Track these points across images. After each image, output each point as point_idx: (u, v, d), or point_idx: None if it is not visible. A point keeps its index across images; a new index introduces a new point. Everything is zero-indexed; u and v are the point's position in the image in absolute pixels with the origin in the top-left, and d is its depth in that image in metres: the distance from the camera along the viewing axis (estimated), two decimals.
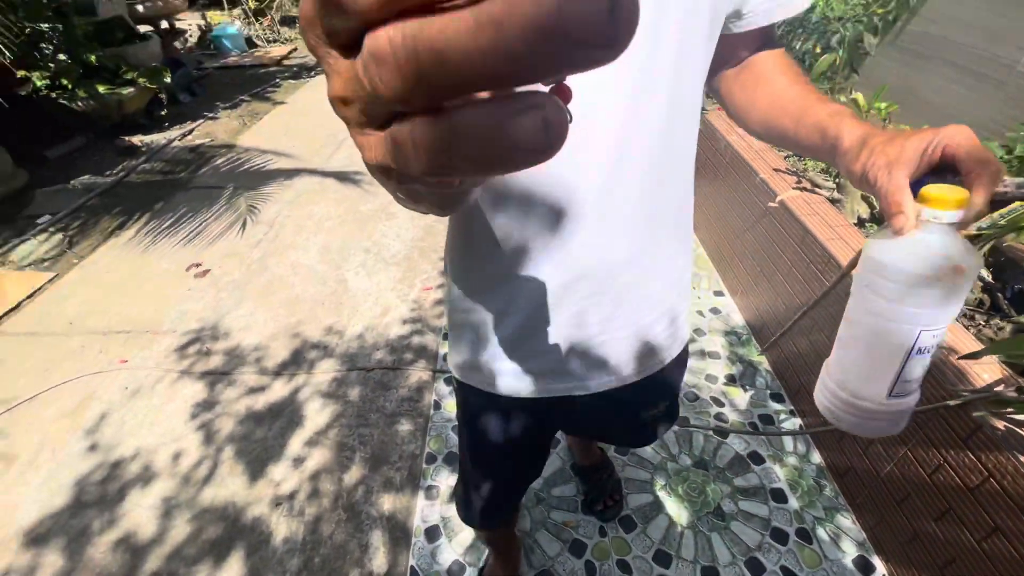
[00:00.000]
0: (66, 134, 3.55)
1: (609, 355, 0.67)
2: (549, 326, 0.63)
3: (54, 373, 1.92)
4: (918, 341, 0.45)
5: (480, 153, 0.13)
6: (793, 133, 0.55)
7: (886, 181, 0.44)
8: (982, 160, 0.41)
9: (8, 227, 2.73)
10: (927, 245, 0.42)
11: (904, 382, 0.48)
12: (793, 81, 0.59)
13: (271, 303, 2.22)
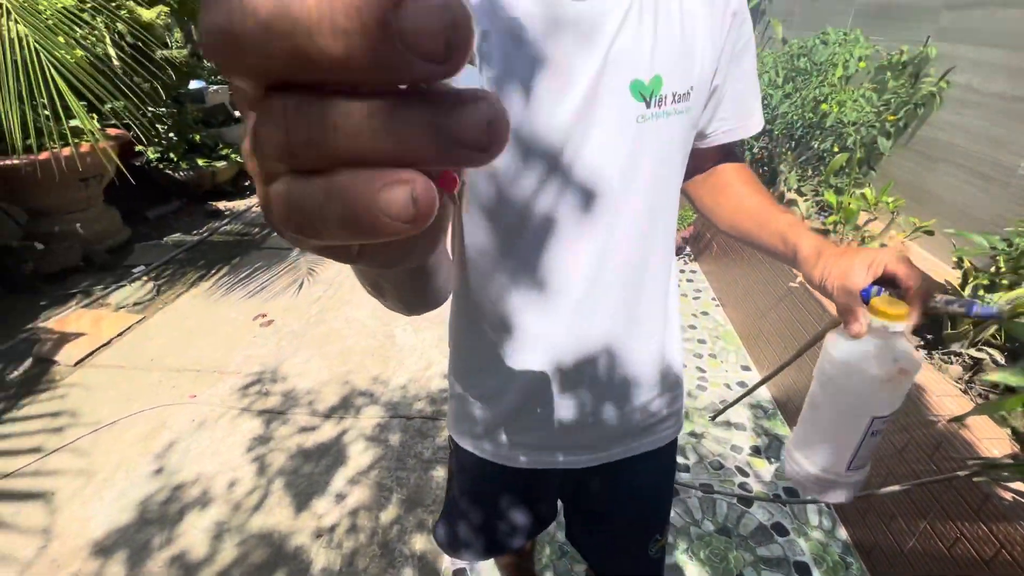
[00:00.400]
0: (165, 198, 4.10)
1: (596, 432, 0.70)
2: (538, 405, 0.67)
3: (134, 402, 2.16)
4: (872, 426, 0.55)
5: (348, 215, 0.13)
6: (756, 237, 0.66)
7: (841, 292, 0.53)
8: (917, 280, 0.51)
9: (110, 274, 3.14)
10: (879, 350, 0.51)
11: (860, 458, 0.57)
12: (754, 191, 0.69)
13: (325, 352, 2.44)
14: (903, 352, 0.51)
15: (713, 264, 2.84)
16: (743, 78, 0.62)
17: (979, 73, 1.78)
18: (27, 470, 1.85)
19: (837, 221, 2.00)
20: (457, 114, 0.13)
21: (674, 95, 0.55)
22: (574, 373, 0.65)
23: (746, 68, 0.62)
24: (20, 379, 2.30)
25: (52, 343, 2.48)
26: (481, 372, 0.70)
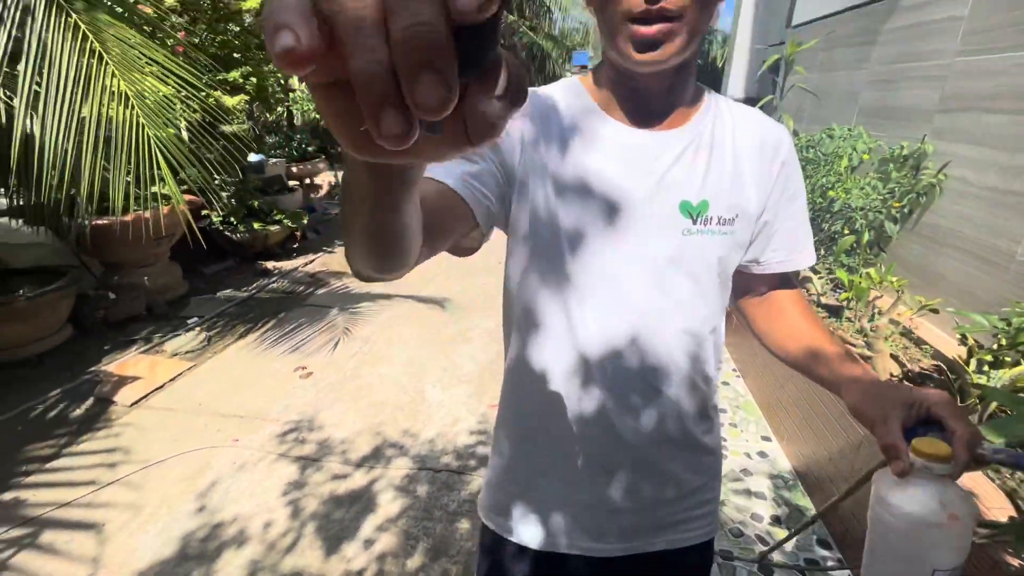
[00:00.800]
0: (221, 256, 4.47)
1: (625, 523, 0.72)
2: (574, 492, 0.71)
3: (181, 443, 2.31)
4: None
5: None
6: (805, 364, 0.69)
7: (883, 431, 0.52)
8: (964, 423, 0.50)
9: (168, 324, 3.41)
10: (925, 493, 0.49)
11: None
12: (807, 320, 0.72)
13: (359, 405, 2.57)
14: (952, 497, 0.48)
15: (733, 335, 2.93)
16: (794, 217, 0.69)
17: (972, 168, 1.96)
18: (82, 501, 1.99)
19: (849, 298, 2.11)
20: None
21: (720, 218, 0.63)
22: (616, 469, 0.69)
23: (797, 209, 0.69)
24: (82, 416, 2.50)
25: (112, 384, 2.69)
26: (526, 457, 0.74)
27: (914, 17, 2.41)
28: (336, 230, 5.80)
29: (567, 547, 0.73)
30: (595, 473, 0.70)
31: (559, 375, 0.68)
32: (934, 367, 1.83)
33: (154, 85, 2.01)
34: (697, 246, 0.63)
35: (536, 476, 0.73)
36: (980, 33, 1.96)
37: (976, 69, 1.97)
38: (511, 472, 0.76)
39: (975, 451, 0.49)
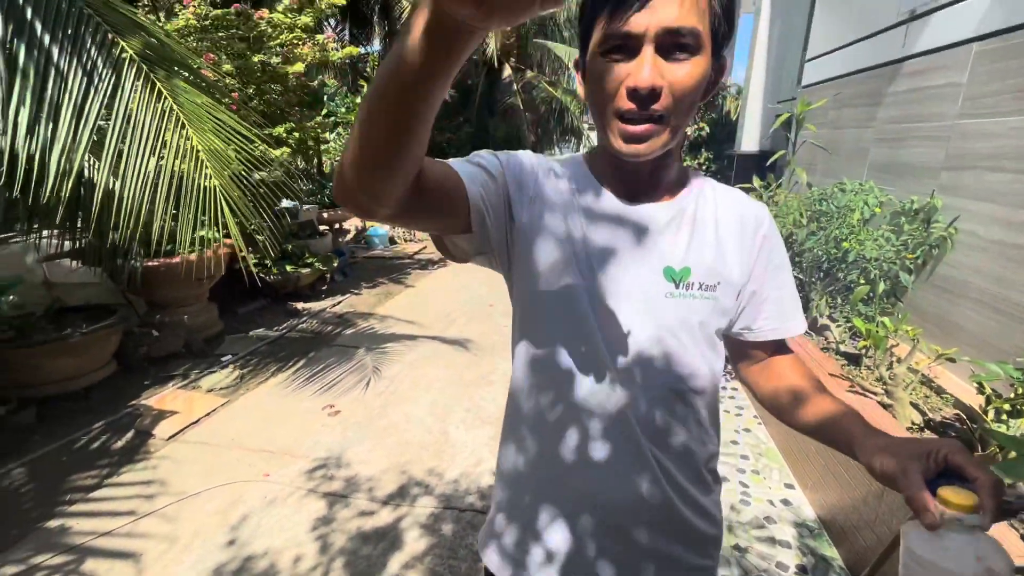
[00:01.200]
0: (253, 296, 4.69)
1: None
2: (571, 549, 0.72)
3: (215, 477, 2.39)
4: None
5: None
6: (814, 428, 0.69)
7: (906, 484, 0.50)
8: (984, 471, 0.48)
9: (203, 361, 3.57)
10: (958, 546, 0.46)
11: None
12: (808, 384, 0.72)
13: (386, 443, 2.64)
14: (987, 549, 0.46)
15: None
16: (781, 287, 0.73)
17: (980, 222, 2.04)
18: (121, 531, 2.07)
19: (867, 346, 2.16)
20: None
21: (701, 284, 0.67)
22: (607, 525, 0.71)
23: (783, 280, 0.73)
24: (122, 448, 2.61)
25: (151, 418, 2.82)
26: (523, 508, 0.76)
27: (916, 82, 2.56)
28: (365, 273, 6.02)
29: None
30: (576, 527, 0.72)
31: (548, 428, 0.71)
32: (955, 416, 1.86)
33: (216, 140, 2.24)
34: (679, 308, 0.67)
35: (522, 522, 0.75)
36: (978, 99, 2.10)
37: (977, 131, 2.09)
38: (501, 513, 0.79)
39: (1002, 498, 0.47)
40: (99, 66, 1.79)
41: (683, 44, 0.55)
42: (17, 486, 2.33)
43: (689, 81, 0.56)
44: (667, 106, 0.57)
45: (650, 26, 0.54)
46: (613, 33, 0.56)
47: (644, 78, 0.55)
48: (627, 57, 0.56)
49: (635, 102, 0.56)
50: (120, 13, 2.07)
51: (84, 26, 1.87)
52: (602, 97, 0.59)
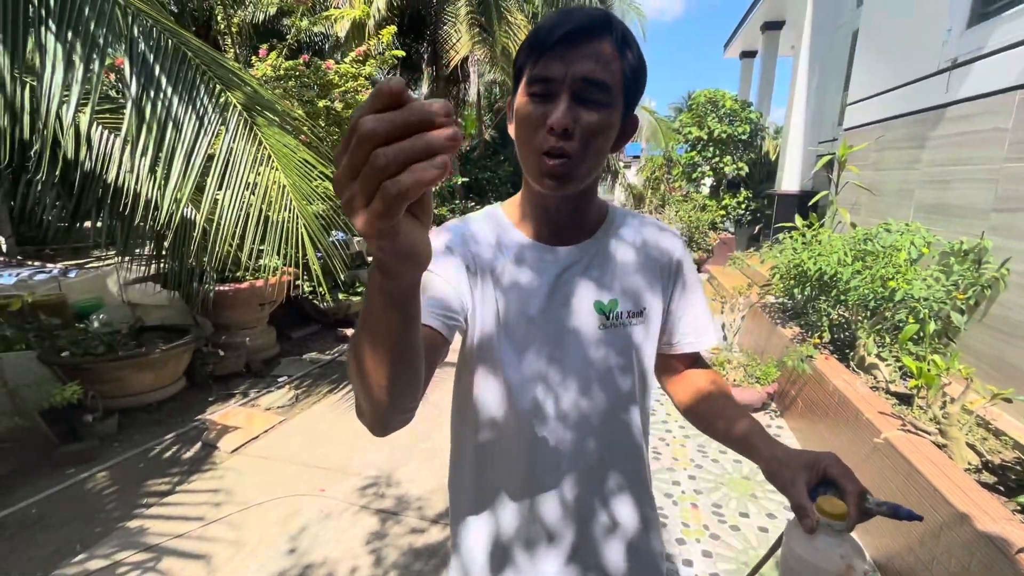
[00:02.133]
0: (306, 322, 4.96)
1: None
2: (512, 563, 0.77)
3: (275, 489, 2.54)
4: None
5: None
6: (723, 435, 0.77)
7: (794, 493, 0.62)
8: (853, 482, 0.60)
9: (262, 380, 3.79)
10: (827, 546, 0.58)
11: None
12: (720, 394, 0.81)
13: (432, 465, 2.74)
14: (850, 550, 0.57)
15: (799, 420, 2.93)
16: (695, 305, 0.81)
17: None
18: (193, 534, 2.22)
19: (918, 385, 2.15)
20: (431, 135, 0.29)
21: (628, 312, 0.75)
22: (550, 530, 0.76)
23: (696, 299, 0.81)
24: (191, 459, 2.81)
25: (216, 432, 3.01)
26: (473, 527, 0.80)
27: (961, 127, 2.61)
28: None
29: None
30: (530, 544, 0.77)
31: (496, 455, 0.76)
32: (1015, 459, 1.82)
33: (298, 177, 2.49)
34: (613, 336, 0.74)
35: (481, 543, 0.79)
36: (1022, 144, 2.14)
37: None
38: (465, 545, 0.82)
39: (863, 505, 0.59)
40: (208, 113, 2.08)
41: (595, 95, 0.62)
42: (100, 488, 2.54)
43: (597, 128, 0.63)
44: (578, 148, 0.63)
45: (568, 74, 0.61)
46: (537, 76, 0.62)
47: (558, 118, 0.61)
48: (546, 100, 0.62)
49: (553, 139, 0.62)
50: (225, 67, 2.38)
51: (197, 79, 2.17)
52: (526, 133, 0.65)
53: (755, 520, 2.26)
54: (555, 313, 0.73)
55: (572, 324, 0.73)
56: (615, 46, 0.63)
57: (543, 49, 0.62)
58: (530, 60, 0.64)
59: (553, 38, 0.61)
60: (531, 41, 0.64)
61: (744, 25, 9.01)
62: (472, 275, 0.72)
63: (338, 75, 4.81)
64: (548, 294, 0.73)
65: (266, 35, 7.40)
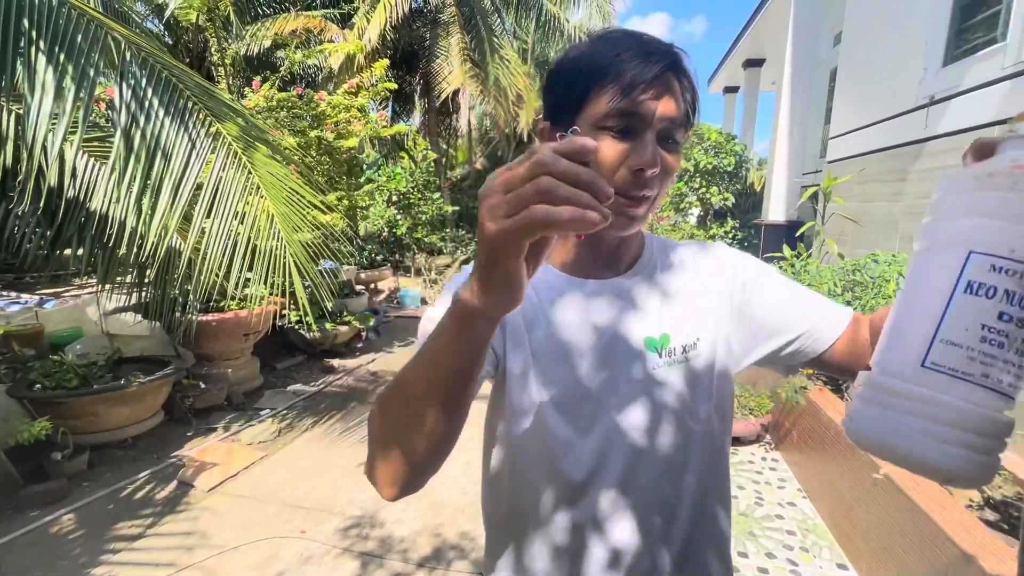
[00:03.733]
0: (291, 352, 4.85)
1: None
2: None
3: (253, 531, 2.41)
4: (966, 270, 0.32)
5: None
6: None
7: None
8: None
9: (243, 415, 3.67)
10: (999, 153, 0.35)
11: (948, 344, 0.31)
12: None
13: (420, 504, 2.63)
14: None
15: (795, 453, 2.88)
16: (783, 293, 0.69)
17: None
18: None
19: None
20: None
21: (683, 347, 0.66)
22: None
23: (778, 287, 0.70)
24: (165, 499, 2.67)
25: (194, 469, 2.88)
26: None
27: (942, 161, 2.67)
28: (397, 332, 6.17)
29: None
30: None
31: (548, 520, 0.67)
32: (1016, 494, 1.79)
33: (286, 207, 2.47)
34: (673, 375, 0.66)
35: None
36: None
37: None
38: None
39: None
40: (198, 143, 2.05)
41: (676, 134, 0.60)
42: (66, 532, 2.39)
43: (675, 166, 0.61)
44: (656, 189, 0.60)
45: (658, 113, 0.57)
46: (621, 111, 0.57)
47: (653, 161, 0.57)
48: (625, 137, 0.58)
49: (637, 181, 0.58)
50: (216, 98, 2.38)
51: (188, 110, 2.16)
52: (599, 171, 0.62)
53: (754, 560, 2.18)
54: (602, 353, 0.65)
55: (623, 364, 0.65)
56: (685, 82, 0.60)
57: (636, 82, 0.56)
58: (605, 88, 0.57)
59: (651, 72, 0.56)
60: (608, 66, 0.57)
61: (726, 62, 9.33)
62: (508, 324, 0.66)
63: (330, 106, 4.86)
64: (593, 333, 0.66)
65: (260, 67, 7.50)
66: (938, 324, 0.32)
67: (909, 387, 0.32)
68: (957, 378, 0.31)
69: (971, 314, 0.31)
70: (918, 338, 0.33)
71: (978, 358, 0.31)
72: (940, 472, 0.32)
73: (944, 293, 0.32)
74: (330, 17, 8.06)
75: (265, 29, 7.28)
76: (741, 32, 8.10)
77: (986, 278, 0.31)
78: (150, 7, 6.93)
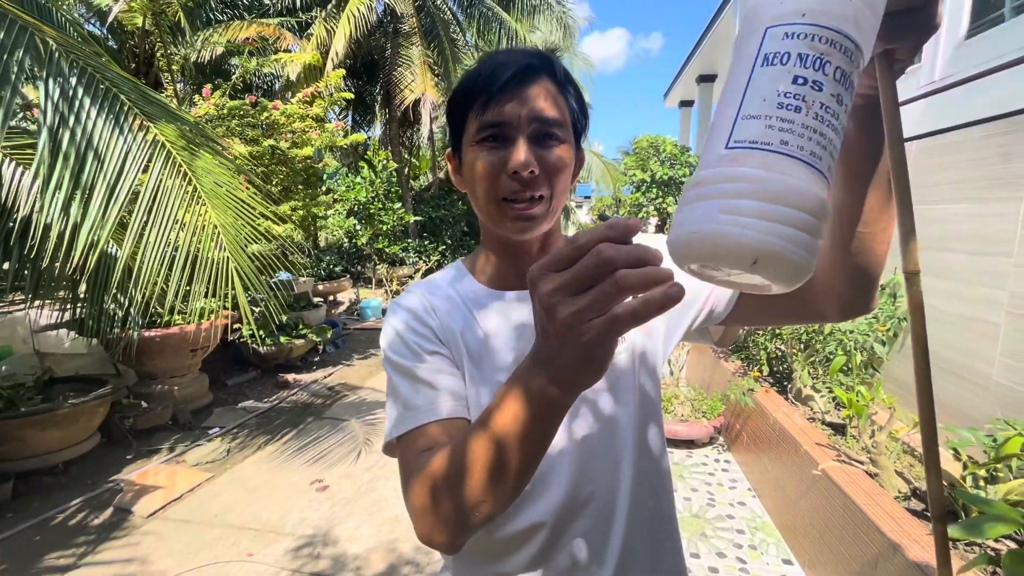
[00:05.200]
0: (243, 368, 4.67)
1: None
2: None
3: (196, 556, 2.30)
4: (763, 45, 0.31)
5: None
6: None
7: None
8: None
9: (190, 434, 3.50)
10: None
11: (748, 118, 0.31)
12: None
13: (375, 520, 2.57)
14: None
15: (746, 453, 2.97)
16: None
17: (940, 297, 2.21)
18: None
19: (850, 415, 2.23)
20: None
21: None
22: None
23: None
24: (100, 526, 2.51)
25: (133, 494, 2.73)
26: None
27: None
28: (356, 345, 6.04)
29: None
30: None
31: (495, 525, 0.66)
32: None
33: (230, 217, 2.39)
34: (608, 376, 0.65)
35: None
36: (925, 188, 2.35)
37: (928, 216, 2.32)
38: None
39: None
40: (133, 150, 1.97)
41: (551, 132, 0.60)
42: None
43: (560, 163, 0.61)
44: (544, 188, 0.60)
45: (522, 115, 0.58)
46: (488, 122, 0.59)
47: (522, 161, 0.58)
48: (501, 145, 0.59)
49: (518, 183, 0.59)
50: (156, 103, 2.30)
51: (123, 113, 2.07)
52: (483, 184, 0.61)
53: (705, 560, 2.23)
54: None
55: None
56: (558, 82, 0.62)
57: (490, 93, 0.59)
58: (475, 107, 0.60)
59: (501, 80, 0.58)
60: (471, 87, 0.60)
61: (680, 77, 9.69)
62: (448, 347, 0.66)
63: (284, 115, 4.76)
64: (517, 340, 0.66)
65: (213, 74, 7.29)
66: (739, 106, 0.31)
67: (712, 171, 0.31)
68: (756, 149, 0.30)
69: (767, 83, 0.30)
70: (725, 126, 0.32)
71: (776, 125, 0.30)
72: (744, 251, 0.29)
73: (745, 73, 0.31)
74: (286, 26, 7.92)
75: (218, 35, 7.09)
76: (694, 49, 8.44)
77: (779, 47, 0.31)
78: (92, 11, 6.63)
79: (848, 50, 0.31)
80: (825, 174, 0.31)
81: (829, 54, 0.30)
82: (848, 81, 0.31)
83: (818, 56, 0.30)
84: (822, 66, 0.30)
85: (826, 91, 0.30)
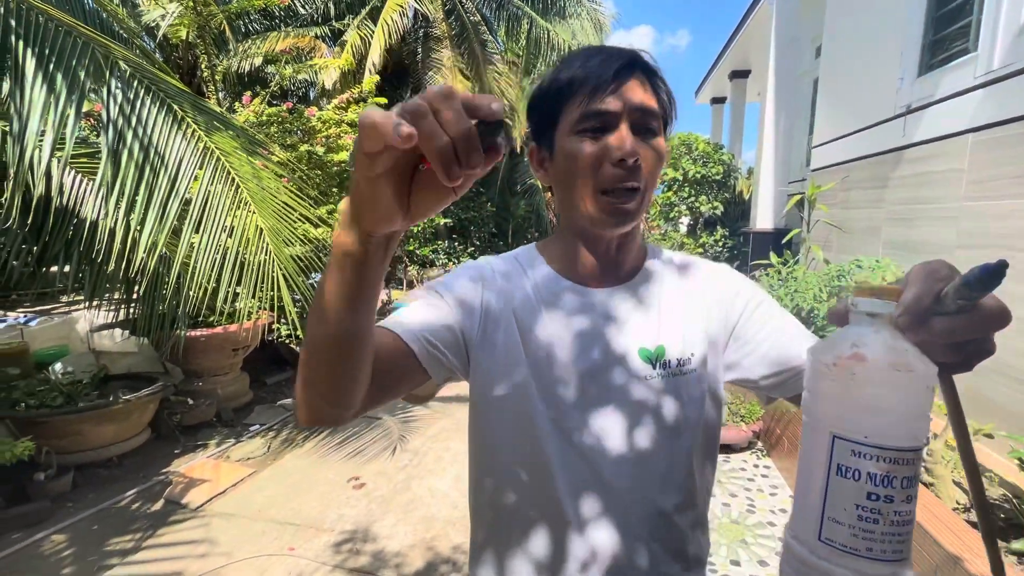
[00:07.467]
0: (281, 366, 4.81)
1: None
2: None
3: (241, 549, 2.37)
4: (834, 453, 0.35)
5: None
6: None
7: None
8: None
9: (232, 431, 3.63)
10: (843, 332, 0.38)
11: (833, 521, 0.35)
12: None
13: (411, 518, 2.61)
14: (879, 340, 0.35)
15: (786, 459, 2.88)
16: (782, 325, 0.67)
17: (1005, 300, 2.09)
18: None
19: None
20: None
21: (678, 360, 0.65)
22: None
23: (778, 319, 0.67)
24: (151, 517, 2.62)
25: (182, 487, 2.84)
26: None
27: (919, 168, 2.73)
28: None
29: None
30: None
31: (533, 524, 0.66)
32: (1003, 496, 1.80)
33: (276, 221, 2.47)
34: (667, 387, 0.65)
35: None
36: (981, 183, 2.23)
37: (984, 212, 2.21)
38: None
39: (932, 287, 0.35)
40: (186, 159, 2.06)
41: (649, 124, 0.61)
42: (55, 552, 2.34)
43: (658, 155, 0.62)
44: (644, 178, 0.61)
45: (625, 104, 0.60)
46: (590, 112, 0.60)
47: (628, 148, 0.59)
48: (602, 134, 0.60)
49: (622, 171, 0.59)
50: (206, 111, 2.40)
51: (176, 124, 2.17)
52: (581, 174, 0.61)
53: (746, 568, 2.17)
54: (596, 361, 0.65)
55: (617, 373, 0.65)
56: (652, 76, 0.63)
57: (597, 83, 0.60)
58: (576, 97, 0.61)
59: (608, 72, 0.59)
60: (572, 78, 0.61)
61: (712, 74, 9.50)
62: (491, 318, 0.67)
63: (320, 121, 4.88)
64: (587, 340, 0.65)
65: (251, 83, 7.54)
66: (823, 503, 0.36)
67: (813, 559, 0.37)
68: (847, 553, 0.35)
69: (845, 495, 0.35)
70: (813, 512, 0.37)
71: (859, 534, 0.35)
72: None
73: (823, 473, 0.36)
74: (321, 36, 8.13)
75: (256, 47, 7.33)
76: (726, 44, 8.27)
77: (850, 462, 0.35)
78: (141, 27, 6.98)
79: (910, 460, 0.35)
80: (908, 559, 0.36)
81: (895, 471, 0.35)
82: (914, 474, 0.35)
83: (885, 475, 0.35)
84: (890, 482, 0.34)
85: (897, 500, 0.35)
